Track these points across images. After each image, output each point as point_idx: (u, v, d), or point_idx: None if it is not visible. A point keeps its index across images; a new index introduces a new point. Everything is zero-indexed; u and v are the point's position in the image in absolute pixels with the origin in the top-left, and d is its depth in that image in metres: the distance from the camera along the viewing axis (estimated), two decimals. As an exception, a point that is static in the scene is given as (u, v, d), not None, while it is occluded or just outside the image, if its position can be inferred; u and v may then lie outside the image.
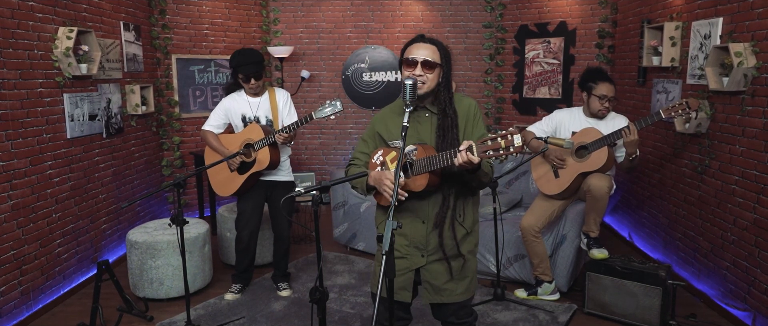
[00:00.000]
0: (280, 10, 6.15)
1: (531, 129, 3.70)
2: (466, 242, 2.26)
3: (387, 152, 2.24)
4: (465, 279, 2.28)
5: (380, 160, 2.23)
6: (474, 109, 2.24)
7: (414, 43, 2.19)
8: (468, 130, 2.21)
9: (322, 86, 6.30)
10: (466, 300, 2.30)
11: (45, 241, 3.61)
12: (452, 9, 6.10)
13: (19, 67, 3.37)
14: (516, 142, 1.78)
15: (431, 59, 2.14)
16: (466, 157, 1.87)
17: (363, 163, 2.33)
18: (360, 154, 2.36)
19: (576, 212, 3.74)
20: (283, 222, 3.74)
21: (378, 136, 2.31)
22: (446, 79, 2.20)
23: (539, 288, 3.69)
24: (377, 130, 2.32)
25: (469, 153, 1.87)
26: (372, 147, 2.34)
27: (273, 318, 3.46)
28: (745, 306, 3.19)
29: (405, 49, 2.21)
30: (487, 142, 1.84)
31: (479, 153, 1.86)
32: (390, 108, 2.34)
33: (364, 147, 2.36)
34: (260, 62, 3.53)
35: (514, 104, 6.07)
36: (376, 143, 2.32)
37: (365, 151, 2.35)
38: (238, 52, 3.53)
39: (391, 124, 2.28)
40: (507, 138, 1.80)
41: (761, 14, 3.02)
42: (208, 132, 3.72)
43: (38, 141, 3.55)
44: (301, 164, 6.35)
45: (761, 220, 3.04)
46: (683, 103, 3.23)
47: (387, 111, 2.34)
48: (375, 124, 2.34)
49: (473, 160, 1.87)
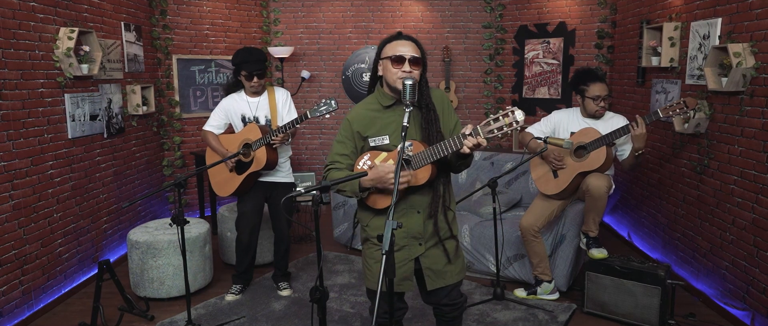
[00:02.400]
0: (281, 10, 6.16)
1: (530, 130, 3.71)
2: (455, 223, 2.36)
3: (375, 155, 2.23)
4: (459, 259, 2.37)
5: (368, 164, 2.22)
6: (446, 99, 2.33)
7: (396, 40, 2.22)
8: (444, 120, 2.28)
9: (322, 86, 6.31)
10: (460, 280, 2.39)
11: (46, 241, 3.63)
12: (452, 9, 6.12)
13: (20, 68, 3.39)
14: (518, 117, 1.90)
15: (418, 56, 2.19)
16: (477, 141, 1.97)
17: (345, 166, 2.28)
18: (339, 157, 2.28)
19: (575, 212, 3.75)
20: (284, 223, 3.75)
21: (358, 135, 2.25)
22: (425, 75, 2.26)
23: (539, 288, 3.70)
24: (356, 129, 2.25)
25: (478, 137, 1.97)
26: (351, 147, 2.27)
27: (273, 318, 3.48)
28: (744, 306, 3.20)
29: (384, 45, 2.23)
30: (490, 123, 1.95)
31: (485, 134, 1.96)
32: (365, 106, 2.29)
33: (342, 148, 2.28)
34: (263, 61, 3.55)
35: (514, 104, 6.08)
36: (356, 143, 2.27)
37: (344, 153, 2.27)
38: (242, 50, 3.54)
39: (374, 122, 2.24)
40: (508, 115, 1.91)
41: (760, 15, 3.03)
42: (209, 132, 3.74)
43: (39, 141, 3.56)
44: (301, 164, 6.36)
45: (760, 220, 3.05)
46: (681, 103, 3.24)
47: (363, 109, 2.28)
48: (352, 124, 2.26)
49: (482, 143, 1.98)
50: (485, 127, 1.96)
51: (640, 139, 3.31)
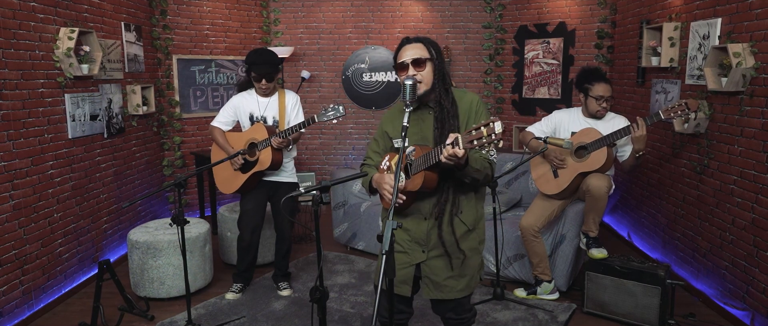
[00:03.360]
0: (281, 10, 6.17)
1: (530, 129, 3.71)
2: (468, 239, 2.25)
3: (392, 156, 2.28)
4: (465, 276, 2.27)
5: (387, 165, 2.27)
6: (477, 103, 2.21)
7: (400, 47, 2.22)
8: (471, 125, 2.16)
9: (322, 87, 6.31)
10: (465, 297, 2.30)
11: (46, 241, 3.63)
12: (452, 9, 6.12)
13: (20, 68, 3.39)
14: (497, 128, 1.74)
15: (419, 56, 2.16)
16: (451, 150, 1.82)
17: (375, 163, 2.38)
18: (372, 153, 2.41)
19: (575, 212, 3.75)
20: (286, 223, 3.76)
21: (386, 134, 2.36)
22: (440, 73, 2.19)
23: (539, 288, 3.70)
24: (385, 128, 2.37)
25: (455, 146, 1.82)
26: (382, 145, 2.38)
27: (273, 318, 3.48)
28: (744, 306, 3.21)
29: (396, 54, 2.23)
30: (471, 133, 1.80)
31: (464, 143, 1.81)
32: (397, 106, 2.37)
33: (375, 146, 2.41)
34: (273, 64, 3.55)
35: (514, 104, 6.08)
36: (385, 142, 2.37)
37: (377, 150, 2.39)
38: (254, 51, 3.56)
39: (396, 123, 2.31)
40: (488, 125, 1.76)
41: (760, 15, 3.03)
42: (216, 128, 3.75)
43: (40, 141, 3.57)
44: (301, 164, 6.36)
45: (760, 220, 3.05)
46: (682, 104, 3.24)
47: (394, 109, 2.39)
48: (383, 123, 2.39)
49: (458, 153, 1.82)
50: (466, 136, 1.82)
51: (641, 141, 3.31)
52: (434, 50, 2.20)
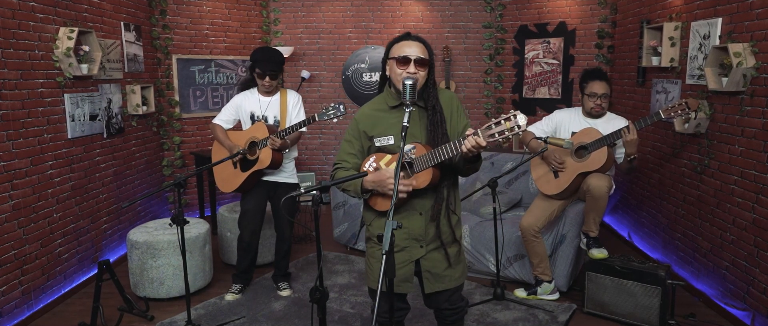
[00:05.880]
0: (281, 10, 6.16)
1: (531, 129, 3.70)
2: (459, 228, 2.34)
3: (380, 157, 2.24)
4: (460, 263, 2.35)
5: (374, 166, 2.23)
6: (455, 100, 2.31)
7: (403, 40, 2.21)
8: (453, 122, 2.26)
9: (322, 86, 6.30)
10: (461, 284, 2.37)
11: (46, 241, 3.62)
12: (452, 9, 6.11)
13: (20, 68, 3.38)
14: (520, 121, 1.85)
15: (424, 56, 2.17)
16: (475, 142, 1.92)
17: (351, 165, 2.29)
18: (347, 156, 2.30)
19: (575, 212, 3.75)
20: (286, 224, 3.76)
21: (364, 134, 2.27)
22: (432, 76, 2.24)
23: (539, 288, 3.69)
24: (362, 128, 2.27)
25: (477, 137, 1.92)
26: (357, 146, 2.28)
27: (273, 318, 3.47)
28: (744, 306, 3.20)
29: (392, 45, 2.22)
30: (491, 127, 1.91)
31: (485, 137, 1.92)
32: (372, 105, 2.31)
33: (349, 147, 2.30)
34: (277, 62, 3.55)
35: (514, 104, 6.08)
36: (362, 143, 2.29)
37: (351, 152, 2.29)
38: (260, 49, 3.58)
39: (379, 122, 2.26)
40: (510, 119, 1.87)
41: (760, 15, 3.03)
42: (217, 126, 3.75)
43: (39, 141, 3.56)
44: (301, 164, 6.36)
45: (760, 220, 3.05)
46: (683, 104, 3.24)
47: (370, 109, 2.31)
48: (359, 123, 2.28)
49: (481, 144, 1.92)
50: (486, 130, 1.92)
51: (632, 145, 3.31)
52: (431, 54, 2.24)
